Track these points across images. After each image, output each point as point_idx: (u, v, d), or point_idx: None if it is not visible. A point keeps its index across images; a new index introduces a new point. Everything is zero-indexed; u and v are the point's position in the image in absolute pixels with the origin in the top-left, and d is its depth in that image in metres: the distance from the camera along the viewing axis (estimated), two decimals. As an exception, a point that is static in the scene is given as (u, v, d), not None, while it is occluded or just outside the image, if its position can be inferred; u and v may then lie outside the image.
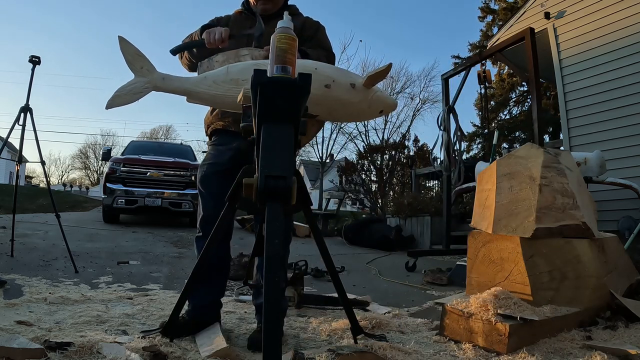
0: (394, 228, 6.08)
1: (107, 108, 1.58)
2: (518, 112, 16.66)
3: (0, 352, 1.23)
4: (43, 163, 3.43)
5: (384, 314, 2.29)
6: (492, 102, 15.83)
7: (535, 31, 4.22)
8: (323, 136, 16.03)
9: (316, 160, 17.19)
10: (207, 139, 2.13)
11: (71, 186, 35.62)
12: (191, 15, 67.04)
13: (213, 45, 1.71)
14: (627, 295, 2.12)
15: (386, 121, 14.31)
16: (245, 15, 1.98)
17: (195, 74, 1.73)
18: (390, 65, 1.54)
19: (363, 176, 9.39)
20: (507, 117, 16.77)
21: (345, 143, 16.23)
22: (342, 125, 14.90)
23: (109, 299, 2.38)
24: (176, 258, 4.12)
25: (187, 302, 1.74)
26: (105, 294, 2.51)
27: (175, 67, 2.10)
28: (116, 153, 12.20)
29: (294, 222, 7.03)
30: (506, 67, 14.26)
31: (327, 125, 14.63)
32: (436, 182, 8.27)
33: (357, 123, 14.22)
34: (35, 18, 69.94)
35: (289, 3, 2.05)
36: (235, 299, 2.60)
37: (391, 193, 9.42)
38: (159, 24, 69.02)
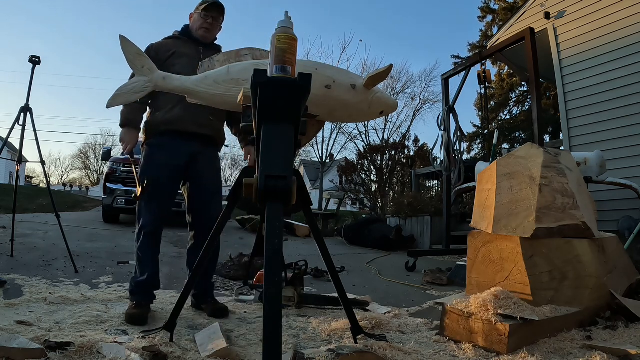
0: (394, 228, 6.07)
1: (107, 107, 1.59)
2: (518, 112, 16.67)
3: (0, 352, 1.23)
4: (43, 163, 3.43)
5: (384, 314, 2.29)
6: (492, 102, 15.84)
7: (535, 31, 4.22)
8: (323, 136, 16.07)
9: (316, 160, 17.21)
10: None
11: (71, 186, 35.56)
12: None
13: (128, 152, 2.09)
14: (627, 295, 2.12)
15: (386, 121, 14.34)
16: (184, 39, 2.21)
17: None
18: (390, 66, 1.55)
19: (363, 176, 9.36)
20: (507, 117, 16.78)
21: (345, 143, 16.27)
22: (342, 125, 14.96)
23: (109, 299, 2.38)
24: (176, 258, 4.11)
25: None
26: (105, 294, 2.51)
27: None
28: (116, 153, 12.16)
29: (294, 222, 7.07)
30: (506, 67, 14.28)
31: (327, 125, 14.67)
32: (436, 182, 8.26)
33: (357, 123, 14.27)
34: (36, 18, 70.03)
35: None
36: (235, 299, 2.60)
37: (391, 193, 9.40)
38: (160, 24, 69.01)
